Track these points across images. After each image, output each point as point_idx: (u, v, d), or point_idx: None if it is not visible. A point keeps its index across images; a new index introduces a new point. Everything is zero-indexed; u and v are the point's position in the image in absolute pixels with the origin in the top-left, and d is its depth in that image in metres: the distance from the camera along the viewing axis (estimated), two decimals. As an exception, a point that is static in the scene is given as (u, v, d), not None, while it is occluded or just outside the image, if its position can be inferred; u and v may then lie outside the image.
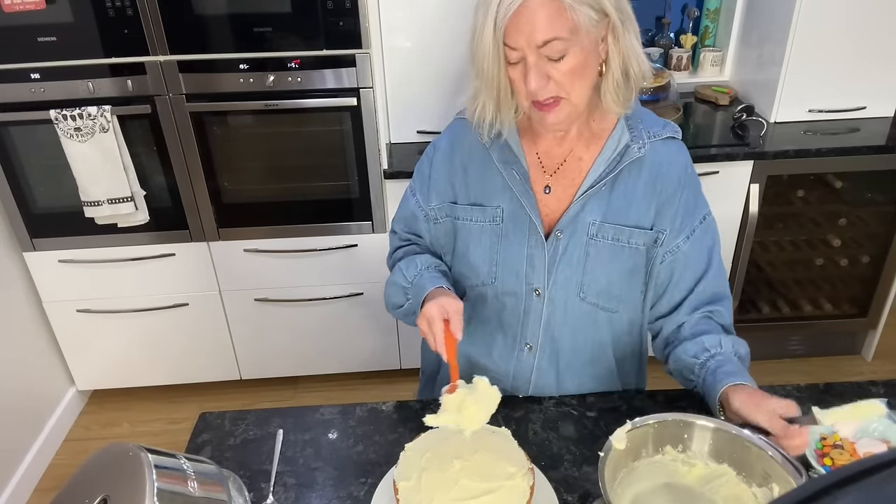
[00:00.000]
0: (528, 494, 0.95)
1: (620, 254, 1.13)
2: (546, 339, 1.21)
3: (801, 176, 2.27)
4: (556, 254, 1.14)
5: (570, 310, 1.17)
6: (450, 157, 1.19)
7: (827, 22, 2.14)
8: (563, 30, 0.94)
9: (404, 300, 1.21)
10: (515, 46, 0.96)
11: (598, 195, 1.11)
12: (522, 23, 0.94)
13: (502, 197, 1.15)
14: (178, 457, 0.82)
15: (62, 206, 2.16)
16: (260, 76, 2.00)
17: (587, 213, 1.12)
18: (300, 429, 1.20)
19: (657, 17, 2.70)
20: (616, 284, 1.15)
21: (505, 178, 1.13)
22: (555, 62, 0.97)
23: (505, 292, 1.18)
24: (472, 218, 1.18)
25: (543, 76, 0.98)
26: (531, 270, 1.15)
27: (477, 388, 1.01)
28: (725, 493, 0.96)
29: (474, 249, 1.18)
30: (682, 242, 1.14)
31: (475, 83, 1.05)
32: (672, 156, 1.13)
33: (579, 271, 1.14)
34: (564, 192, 1.13)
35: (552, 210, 1.14)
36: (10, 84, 1.98)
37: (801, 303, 2.53)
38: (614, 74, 1.02)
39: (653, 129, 1.12)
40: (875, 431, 1.04)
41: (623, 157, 1.10)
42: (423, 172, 1.23)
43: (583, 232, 1.12)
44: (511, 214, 1.14)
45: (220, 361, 2.51)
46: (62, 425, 2.46)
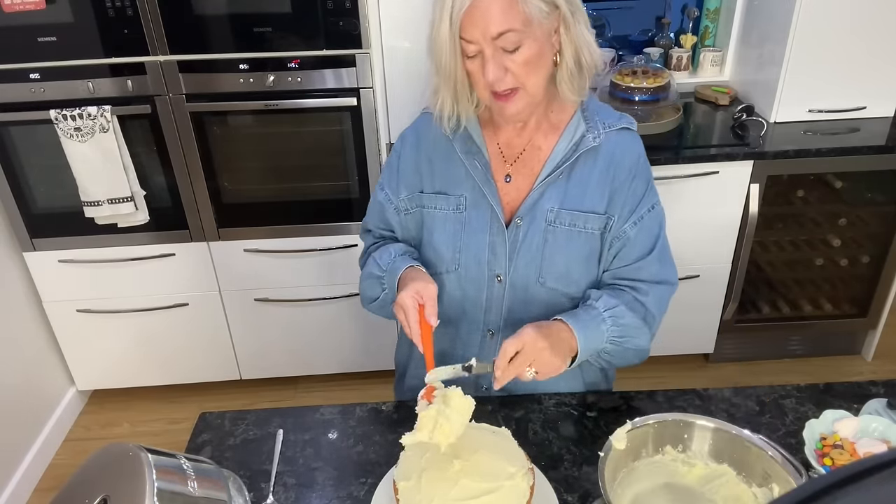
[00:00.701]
0: (528, 494, 0.95)
1: (577, 239, 1.18)
2: (508, 325, 1.24)
3: (801, 176, 2.27)
4: (516, 240, 1.18)
5: (530, 295, 1.21)
6: (416, 148, 1.23)
7: (827, 22, 2.14)
8: (515, 22, 0.99)
9: (380, 291, 1.23)
10: (472, 40, 1.01)
11: (556, 183, 1.16)
12: (477, 16, 0.99)
13: (465, 186, 1.19)
14: (178, 457, 0.82)
15: (62, 206, 2.16)
16: (260, 76, 2.00)
17: (545, 200, 1.17)
18: (300, 429, 1.20)
19: (657, 17, 2.69)
20: (574, 269, 1.19)
21: (467, 168, 1.18)
22: (510, 54, 1.02)
23: (468, 279, 1.22)
24: (437, 206, 1.22)
25: (501, 67, 1.02)
26: (493, 257, 1.19)
27: (451, 401, 1.00)
28: (725, 493, 0.96)
29: (438, 236, 1.22)
30: (629, 228, 1.18)
31: (435, 79, 1.10)
32: (626, 145, 1.18)
33: (538, 257, 1.18)
34: (524, 180, 1.19)
35: (512, 198, 1.19)
36: (10, 84, 1.98)
37: (801, 303, 2.53)
38: (568, 64, 1.07)
39: (608, 121, 1.18)
40: (875, 431, 1.04)
41: (579, 146, 1.15)
42: (392, 166, 1.27)
43: (541, 218, 1.17)
44: (474, 203, 1.19)
45: (219, 361, 2.51)
46: (62, 425, 2.46)
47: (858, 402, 1.15)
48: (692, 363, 2.67)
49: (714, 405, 1.21)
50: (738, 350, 2.63)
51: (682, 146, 2.24)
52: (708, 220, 2.28)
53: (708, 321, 2.51)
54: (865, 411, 1.11)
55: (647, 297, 1.20)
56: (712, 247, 2.35)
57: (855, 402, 1.17)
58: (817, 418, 1.06)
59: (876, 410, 1.11)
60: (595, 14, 2.75)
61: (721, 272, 2.40)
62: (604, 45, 2.69)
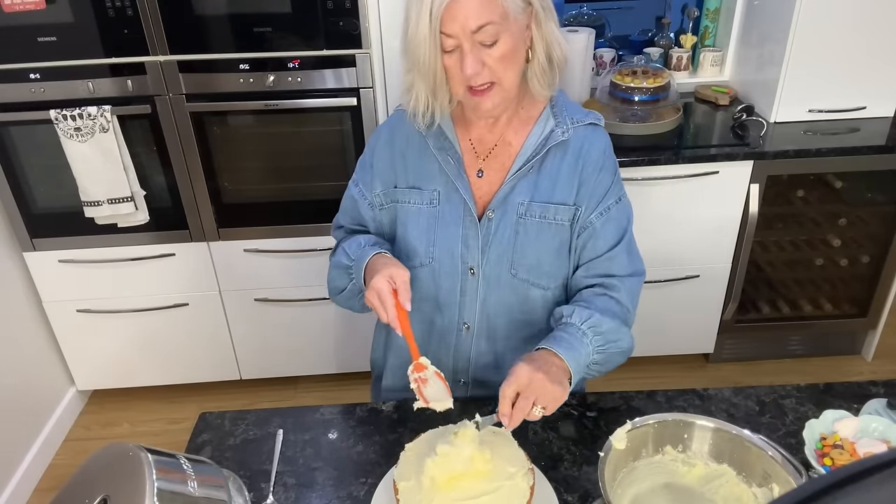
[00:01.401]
0: (528, 494, 0.95)
1: (547, 230, 1.20)
2: (482, 318, 1.26)
3: (801, 176, 2.27)
4: (488, 233, 1.20)
5: (503, 287, 1.23)
6: (390, 144, 1.25)
7: (827, 22, 2.14)
8: (494, 14, 1.02)
9: (347, 281, 1.24)
10: (451, 34, 1.03)
11: (527, 177, 1.19)
12: (457, 10, 1.01)
13: (438, 181, 1.21)
14: (178, 457, 0.82)
15: (62, 206, 2.16)
16: (260, 76, 2.00)
17: (516, 193, 1.19)
18: (300, 429, 1.20)
19: (657, 17, 2.70)
20: (545, 260, 1.21)
21: (440, 164, 1.20)
22: (488, 48, 1.04)
23: (441, 272, 1.23)
24: (411, 200, 1.23)
25: (478, 62, 1.05)
26: (466, 250, 1.21)
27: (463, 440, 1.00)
28: (725, 494, 0.96)
29: (412, 230, 1.23)
30: (595, 219, 1.20)
31: (409, 76, 1.12)
32: (593, 139, 1.21)
33: (510, 249, 1.20)
34: (496, 175, 1.21)
35: (485, 192, 1.22)
36: (10, 84, 1.98)
37: (801, 303, 2.53)
38: (539, 59, 1.11)
39: (576, 117, 1.20)
40: (875, 431, 1.04)
41: (548, 140, 1.18)
42: (366, 162, 1.28)
43: (513, 211, 1.19)
44: (447, 197, 1.21)
45: (219, 361, 2.51)
46: (62, 425, 2.46)
47: (858, 402, 1.15)
48: (692, 363, 2.67)
49: (714, 405, 1.21)
50: (738, 350, 2.63)
51: (682, 146, 2.24)
52: (708, 220, 2.28)
53: (708, 321, 2.51)
54: (865, 411, 1.11)
55: (619, 292, 1.21)
56: (712, 247, 2.35)
57: (855, 402, 1.17)
58: (817, 418, 1.06)
59: (876, 410, 1.11)
60: (595, 14, 2.75)
61: (721, 272, 2.40)
62: (604, 44, 2.69)
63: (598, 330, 1.14)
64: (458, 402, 1.24)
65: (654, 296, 2.43)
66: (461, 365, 1.31)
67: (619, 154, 2.20)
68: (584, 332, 1.13)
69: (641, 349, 2.60)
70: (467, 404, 1.24)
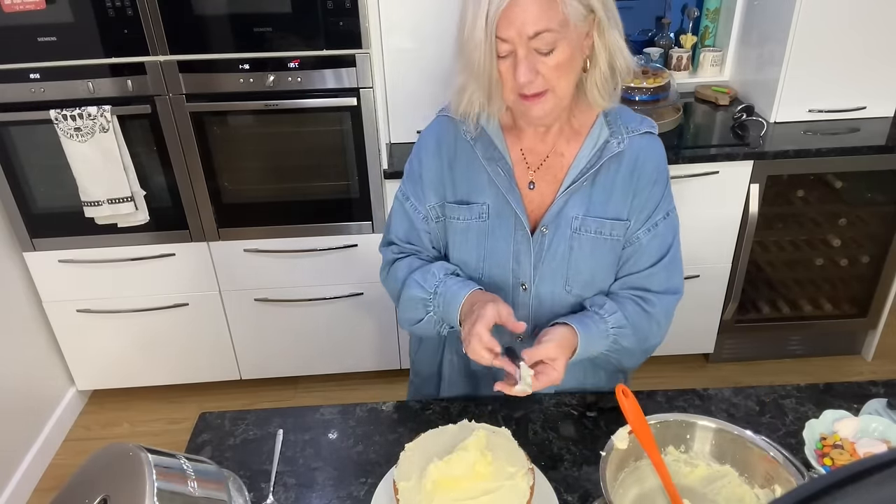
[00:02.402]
0: (528, 494, 0.95)
1: (602, 246, 1.16)
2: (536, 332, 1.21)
3: (801, 176, 2.27)
4: (541, 249, 1.16)
5: (556, 303, 1.20)
6: (437, 155, 1.19)
7: (827, 22, 2.14)
8: (553, 22, 0.97)
9: (424, 313, 1.19)
10: (507, 38, 0.98)
11: (581, 190, 1.14)
12: (515, 15, 0.96)
13: (488, 193, 1.16)
14: (178, 457, 0.82)
15: (62, 206, 2.16)
16: (260, 76, 2.00)
17: (570, 208, 1.15)
18: (300, 429, 1.20)
19: (657, 17, 2.70)
20: (599, 276, 1.18)
21: (490, 175, 1.15)
22: (544, 56, 1.00)
23: (492, 288, 1.20)
24: (460, 216, 1.19)
25: (533, 69, 1.00)
26: (517, 265, 1.18)
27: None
28: (728, 494, 0.96)
29: (462, 246, 1.20)
30: (643, 234, 1.17)
31: (461, 77, 1.07)
32: (649, 151, 1.16)
33: (564, 265, 1.17)
34: (548, 187, 1.16)
35: (536, 206, 1.17)
36: (10, 84, 1.98)
37: (801, 303, 2.53)
38: (601, 69, 1.05)
39: (631, 125, 1.15)
40: (875, 431, 1.04)
41: (603, 152, 1.13)
42: (415, 173, 1.22)
43: (566, 226, 1.15)
44: (497, 210, 1.16)
45: (220, 361, 2.51)
46: (62, 425, 2.46)
47: (858, 402, 1.15)
48: (692, 363, 2.67)
49: (714, 405, 1.21)
50: (738, 350, 2.63)
51: (682, 146, 2.24)
52: (708, 220, 2.28)
53: (708, 321, 2.51)
54: (865, 411, 1.11)
55: (654, 307, 1.19)
56: (712, 247, 2.35)
57: (855, 402, 1.17)
58: (817, 418, 1.06)
59: (876, 410, 1.11)
60: (595, 14, 2.74)
61: (721, 272, 2.40)
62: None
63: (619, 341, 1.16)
64: (458, 403, 1.24)
65: (654, 296, 2.43)
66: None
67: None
68: (608, 335, 1.14)
69: (641, 349, 2.61)
70: (467, 404, 1.24)
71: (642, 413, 0.96)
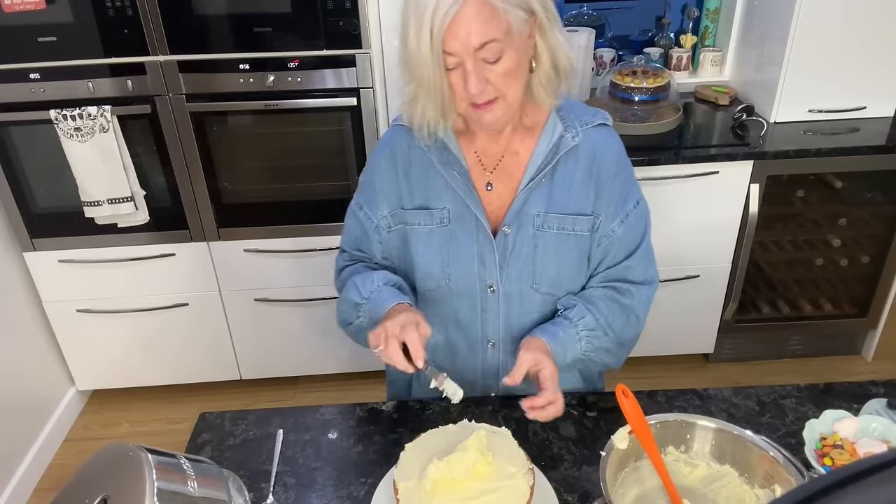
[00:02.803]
0: (528, 495, 0.95)
1: (567, 242, 1.16)
2: (507, 334, 1.23)
3: (801, 176, 2.27)
4: (505, 249, 1.16)
5: (525, 302, 1.20)
6: (392, 163, 1.19)
7: (827, 22, 2.14)
8: (497, 31, 0.97)
9: (355, 318, 1.19)
10: (453, 52, 0.98)
11: (540, 187, 1.14)
12: (458, 28, 0.96)
13: (446, 198, 1.16)
14: (178, 457, 0.82)
15: (62, 206, 2.16)
16: (260, 76, 2.00)
17: (530, 205, 1.15)
18: (300, 429, 1.20)
19: (657, 17, 2.70)
20: (565, 273, 1.19)
21: (447, 179, 1.15)
22: (491, 64, 1.00)
23: (459, 292, 1.20)
24: (420, 221, 1.18)
25: (482, 79, 1.00)
26: (482, 268, 1.17)
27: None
28: (728, 494, 0.96)
29: (425, 252, 1.19)
30: (617, 226, 1.17)
31: (410, 88, 1.06)
32: (606, 142, 1.16)
33: (530, 264, 1.17)
34: (506, 187, 1.16)
35: (496, 206, 1.17)
36: (10, 84, 1.98)
37: (801, 303, 2.53)
38: (545, 69, 1.06)
39: (584, 118, 1.16)
40: (875, 431, 1.04)
41: (559, 147, 1.13)
42: (368, 183, 1.22)
43: (529, 224, 1.15)
44: (457, 214, 1.16)
45: (220, 361, 2.51)
46: (62, 425, 2.46)
47: (858, 402, 1.15)
48: (692, 363, 2.67)
49: (714, 405, 1.21)
50: (738, 350, 2.63)
51: (682, 146, 2.24)
52: (708, 220, 2.28)
53: (708, 321, 2.51)
54: (865, 411, 1.11)
55: (633, 299, 1.21)
56: (712, 247, 2.35)
57: (855, 402, 1.17)
58: (817, 418, 1.06)
59: (876, 410, 1.11)
60: (595, 14, 2.75)
61: (721, 272, 2.40)
62: (604, 45, 2.69)
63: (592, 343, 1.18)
64: (457, 404, 1.24)
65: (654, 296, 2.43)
66: (489, 382, 1.28)
67: (619, 154, 2.20)
68: (581, 338, 1.17)
69: (641, 349, 2.60)
70: (467, 404, 1.24)
71: (642, 413, 0.96)
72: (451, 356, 1.27)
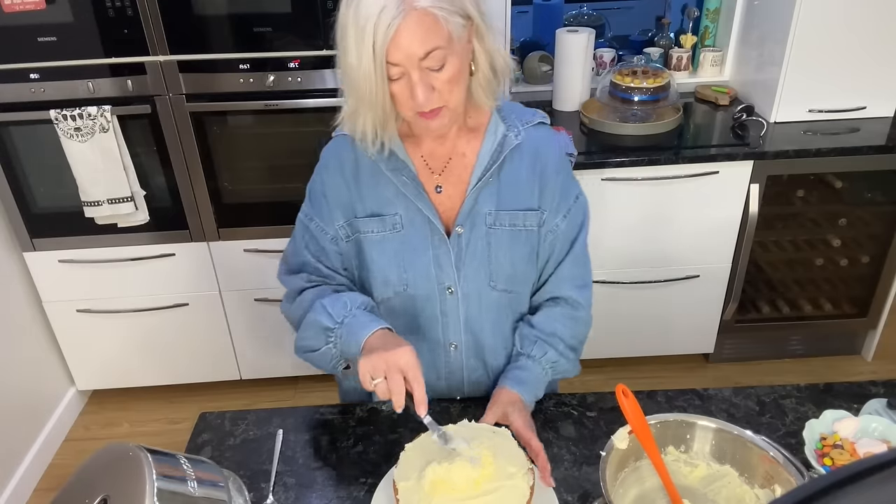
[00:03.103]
0: (528, 494, 0.95)
1: (519, 237, 1.18)
2: (468, 335, 1.24)
3: (801, 176, 2.27)
4: (460, 249, 1.17)
5: (484, 302, 1.21)
6: (340, 172, 1.18)
7: (827, 22, 2.14)
8: (440, 39, 0.97)
9: (323, 343, 1.14)
10: (397, 63, 0.98)
11: (488, 186, 1.16)
12: (402, 40, 0.95)
13: (398, 203, 1.16)
14: (178, 457, 0.82)
15: (62, 206, 2.16)
16: (260, 76, 2.00)
17: (481, 204, 1.16)
18: (300, 429, 1.20)
19: (657, 17, 2.70)
20: (521, 268, 1.21)
21: (397, 185, 1.15)
22: (436, 72, 1.00)
23: (418, 297, 1.20)
24: (373, 229, 1.18)
25: (428, 88, 1.00)
26: (439, 270, 1.18)
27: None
28: (728, 495, 0.96)
29: (380, 260, 1.18)
30: (561, 221, 1.20)
31: (352, 101, 1.05)
32: (547, 140, 1.19)
33: (485, 262, 1.18)
34: (455, 188, 1.17)
35: (447, 208, 1.18)
36: (10, 84, 1.98)
37: (801, 303, 2.53)
38: (484, 72, 1.07)
39: (524, 118, 1.18)
40: (875, 431, 1.04)
41: (503, 146, 1.15)
42: (317, 194, 1.20)
43: (481, 223, 1.17)
44: (409, 219, 1.16)
45: (220, 361, 2.51)
46: (62, 425, 2.46)
47: (858, 402, 1.15)
48: (692, 363, 2.67)
49: (714, 405, 1.21)
50: (738, 350, 2.63)
51: (682, 146, 2.24)
52: (708, 220, 2.28)
53: (708, 321, 2.51)
54: (865, 411, 1.11)
55: (582, 309, 1.25)
56: (712, 247, 2.35)
57: (855, 402, 1.17)
58: (817, 418, 1.06)
59: (876, 410, 1.11)
60: (595, 14, 2.75)
61: (721, 272, 2.40)
62: (604, 45, 2.69)
63: (556, 369, 1.23)
64: (458, 403, 1.24)
65: (654, 296, 2.43)
66: (455, 384, 1.28)
67: (618, 154, 2.22)
68: (546, 372, 1.22)
69: (641, 349, 2.62)
70: (468, 405, 1.24)
71: (642, 413, 0.96)
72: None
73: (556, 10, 2.70)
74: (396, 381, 0.99)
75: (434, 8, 0.95)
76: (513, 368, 1.22)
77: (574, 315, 1.24)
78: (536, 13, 2.72)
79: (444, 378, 1.28)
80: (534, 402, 1.19)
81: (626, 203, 2.24)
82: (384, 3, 0.93)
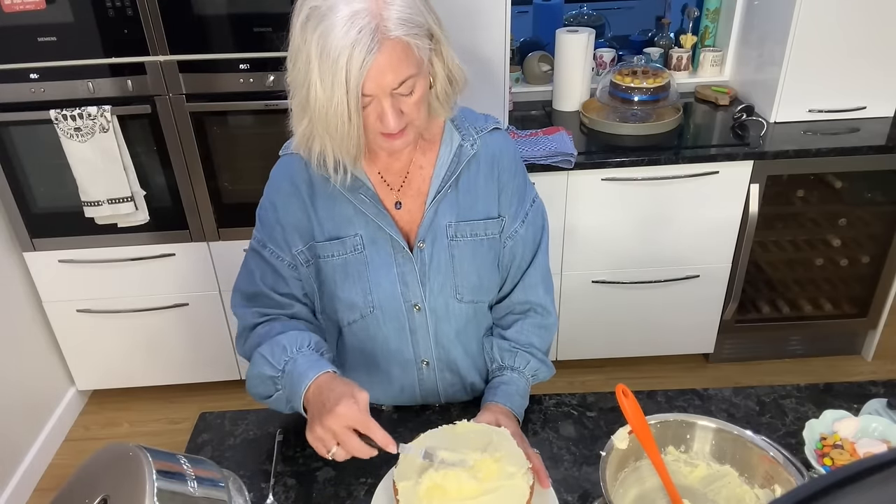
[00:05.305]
0: (527, 494, 0.95)
1: (481, 247, 1.17)
2: (439, 350, 1.22)
3: (801, 176, 2.27)
4: (424, 264, 1.15)
5: (452, 315, 1.20)
6: (295, 195, 1.14)
7: (827, 22, 2.14)
8: (413, 67, 0.95)
9: (273, 390, 1.09)
10: (370, 93, 0.95)
11: (447, 198, 1.14)
12: (376, 72, 0.92)
13: (357, 223, 1.13)
14: (178, 457, 0.82)
15: (62, 206, 2.16)
16: (260, 76, 2.00)
17: (441, 217, 1.14)
18: (300, 429, 1.19)
19: (657, 17, 2.70)
20: (486, 277, 1.19)
21: (355, 204, 1.11)
22: (406, 97, 0.98)
23: (385, 318, 1.17)
24: (333, 253, 1.14)
25: (398, 113, 0.98)
26: (405, 288, 1.15)
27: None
28: (728, 495, 0.96)
29: (343, 284, 1.15)
30: (520, 226, 1.19)
31: (306, 127, 1.01)
32: (502, 145, 1.17)
33: (450, 275, 1.16)
34: (414, 202, 1.15)
35: (407, 223, 1.15)
36: (10, 84, 1.98)
37: (801, 303, 2.53)
38: (442, 84, 1.04)
39: (477, 125, 1.16)
40: (875, 431, 1.04)
41: (460, 157, 1.14)
42: (269, 220, 1.15)
43: (442, 236, 1.14)
44: (371, 238, 1.13)
45: (220, 361, 2.51)
46: (62, 425, 2.46)
47: (858, 402, 1.15)
48: (692, 363, 2.67)
49: (714, 405, 1.21)
50: (738, 350, 2.63)
51: (682, 146, 2.24)
52: (708, 220, 2.28)
53: (708, 321, 2.51)
54: (865, 411, 1.11)
55: (550, 316, 1.26)
56: (712, 247, 2.35)
57: (855, 402, 1.17)
58: (817, 418, 1.06)
59: (876, 410, 1.11)
60: (595, 14, 2.75)
61: (721, 272, 2.40)
62: (604, 45, 2.69)
63: (537, 377, 1.25)
64: (458, 403, 1.24)
65: (654, 296, 2.43)
66: (431, 399, 1.28)
67: (618, 154, 2.22)
68: (528, 380, 1.23)
69: (641, 349, 2.62)
70: (467, 405, 1.24)
71: (642, 413, 0.96)
72: (387, 383, 1.25)
73: (556, 10, 2.70)
74: (350, 441, 0.94)
75: (407, 36, 0.92)
76: (499, 384, 1.20)
77: (544, 323, 1.26)
78: (536, 13, 2.72)
79: (420, 396, 1.27)
80: (522, 413, 1.18)
81: (626, 203, 2.24)
82: (356, 36, 0.89)
